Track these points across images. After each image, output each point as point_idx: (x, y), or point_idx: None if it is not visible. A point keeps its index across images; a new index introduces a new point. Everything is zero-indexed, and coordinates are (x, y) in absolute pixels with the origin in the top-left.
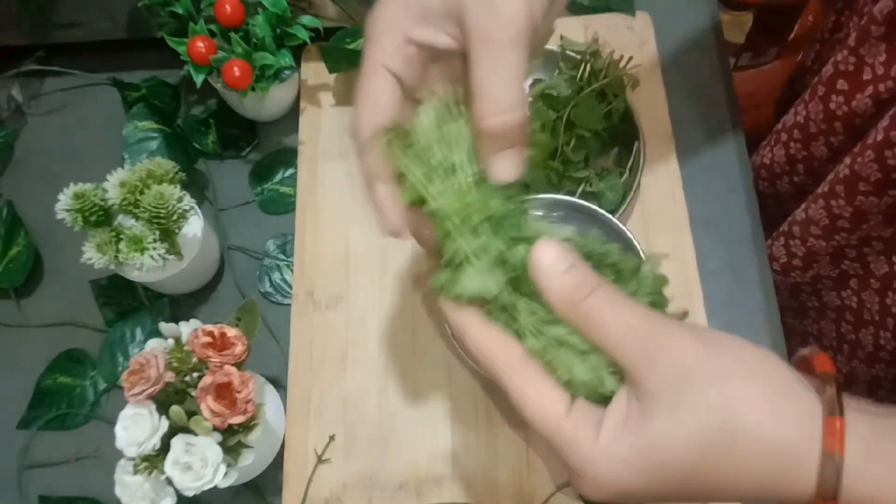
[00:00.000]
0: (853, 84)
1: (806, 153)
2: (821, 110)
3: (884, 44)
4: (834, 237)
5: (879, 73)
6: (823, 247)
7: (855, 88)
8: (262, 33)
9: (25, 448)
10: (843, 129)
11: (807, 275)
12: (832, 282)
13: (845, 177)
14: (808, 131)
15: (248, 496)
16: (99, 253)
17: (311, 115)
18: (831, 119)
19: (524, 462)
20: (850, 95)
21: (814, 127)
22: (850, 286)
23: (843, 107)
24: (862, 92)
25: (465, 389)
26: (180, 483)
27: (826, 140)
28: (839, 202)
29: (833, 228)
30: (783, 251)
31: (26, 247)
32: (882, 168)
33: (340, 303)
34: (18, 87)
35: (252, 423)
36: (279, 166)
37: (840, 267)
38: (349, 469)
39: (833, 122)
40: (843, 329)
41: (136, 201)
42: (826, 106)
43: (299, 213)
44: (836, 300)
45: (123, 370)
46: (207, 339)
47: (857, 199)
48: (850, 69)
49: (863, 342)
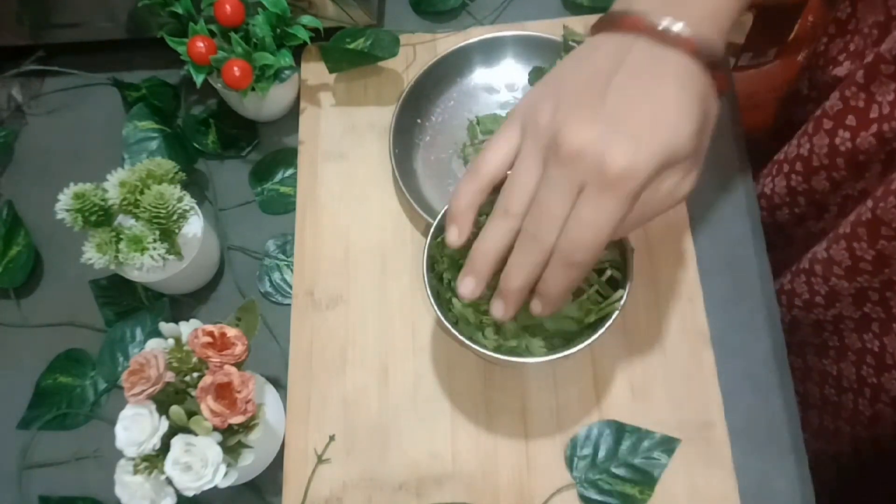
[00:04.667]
0: (861, 121)
1: (807, 186)
2: (825, 144)
3: (893, 83)
4: (857, 278)
5: (885, 113)
6: (846, 287)
7: (861, 126)
8: (262, 33)
9: (25, 448)
10: (846, 164)
11: (829, 313)
12: (854, 323)
13: (867, 220)
14: (810, 164)
15: (248, 496)
16: (99, 253)
17: (312, 115)
18: (834, 155)
19: (524, 462)
20: (855, 132)
21: (816, 161)
22: (871, 329)
23: (848, 143)
24: (867, 130)
25: (465, 389)
26: (180, 483)
27: (828, 175)
28: (861, 245)
29: (856, 270)
30: (805, 288)
31: (26, 247)
32: None
33: (340, 303)
34: (18, 87)
35: (252, 423)
36: (279, 166)
37: (863, 309)
38: (349, 469)
39: (835, 158)
40: (864, 372)
41: (136, 201)
42: (832, 141)
43: (299, 213)
44: (857, 342)
45: (123, 370)
46: (207, 339)
47: (879, 243)
48: (860, 105)
49: (886, 386)
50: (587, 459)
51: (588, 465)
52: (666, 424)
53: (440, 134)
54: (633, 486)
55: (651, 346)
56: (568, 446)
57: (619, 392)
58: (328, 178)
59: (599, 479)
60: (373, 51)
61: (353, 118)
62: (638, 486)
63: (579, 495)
